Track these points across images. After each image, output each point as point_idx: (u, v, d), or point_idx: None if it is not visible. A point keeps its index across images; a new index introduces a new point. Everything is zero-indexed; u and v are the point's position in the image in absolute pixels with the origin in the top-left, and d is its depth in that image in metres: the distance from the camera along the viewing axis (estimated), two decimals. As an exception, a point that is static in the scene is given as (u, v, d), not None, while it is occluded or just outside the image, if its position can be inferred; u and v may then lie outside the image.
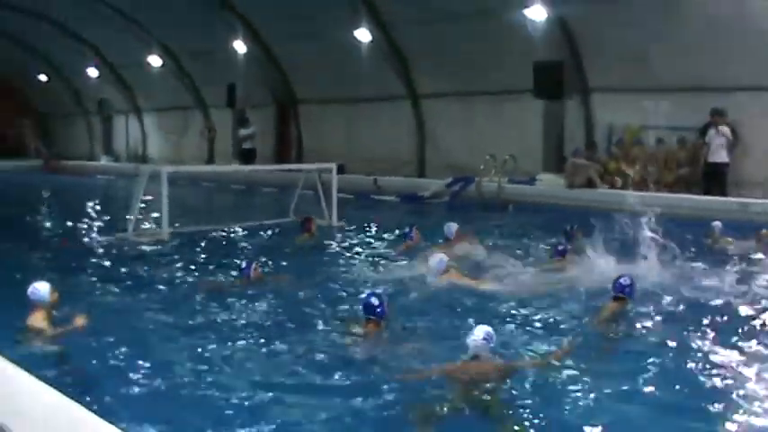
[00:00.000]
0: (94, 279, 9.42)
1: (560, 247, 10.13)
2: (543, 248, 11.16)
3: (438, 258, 8.96)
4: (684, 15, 15.61)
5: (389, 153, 22.65)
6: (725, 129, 15.41)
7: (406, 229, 11.79)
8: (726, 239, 11.58)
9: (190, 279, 9.58)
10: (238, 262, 9.64)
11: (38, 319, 6.64)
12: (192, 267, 10.34)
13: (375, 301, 6.72)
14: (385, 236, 12.94)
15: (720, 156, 15.46)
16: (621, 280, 7.39)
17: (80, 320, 6.59)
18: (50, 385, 4.32)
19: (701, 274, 9.30)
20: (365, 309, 6.72)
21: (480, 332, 5.67)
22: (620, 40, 16.76)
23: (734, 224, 12.39)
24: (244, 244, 12.49)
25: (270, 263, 10.28)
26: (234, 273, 9.47)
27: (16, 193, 24.36)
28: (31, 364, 4.88)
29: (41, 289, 6.77)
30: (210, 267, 10.29)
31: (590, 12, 16.90)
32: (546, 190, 17.17)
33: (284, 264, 10.43)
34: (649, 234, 9.24)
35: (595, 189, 16.37)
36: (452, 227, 11.19)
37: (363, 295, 7.24)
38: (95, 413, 3.88)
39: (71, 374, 5.90)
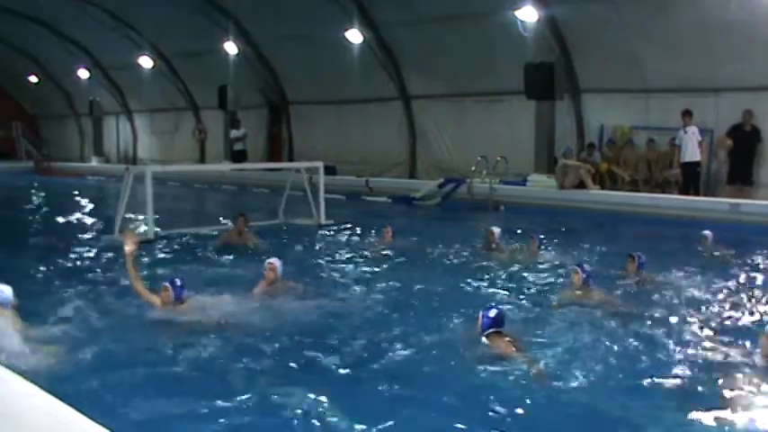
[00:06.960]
0: (78, 281, 9.31)
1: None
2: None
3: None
4: (675, 17, 15.65)
5: (380, 154, 22.63)
6: (693, 128, 15.53)
7: (383, 228, 12.11)
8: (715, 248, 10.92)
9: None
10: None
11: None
12: (177, 268, 10.26)
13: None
14: (369, 234, 13.00)
15: (691, 155, 15.59)
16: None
17: None
18: (39, 387, 4.28)
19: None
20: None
21: None
22: (611, 41, 16.80)
23: (724, 225, 12.40)
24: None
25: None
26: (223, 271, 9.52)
27: (7, 195, 24.26)
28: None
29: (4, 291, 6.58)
30: (195, 268, 10.22)
31: (581, 13, 16.91)
32: (537, 191, 17.16)
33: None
34: None
35: (587, 190, 16.39)
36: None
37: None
38: (83, 413, 3.85)
39: (56, 376, 5.85)
